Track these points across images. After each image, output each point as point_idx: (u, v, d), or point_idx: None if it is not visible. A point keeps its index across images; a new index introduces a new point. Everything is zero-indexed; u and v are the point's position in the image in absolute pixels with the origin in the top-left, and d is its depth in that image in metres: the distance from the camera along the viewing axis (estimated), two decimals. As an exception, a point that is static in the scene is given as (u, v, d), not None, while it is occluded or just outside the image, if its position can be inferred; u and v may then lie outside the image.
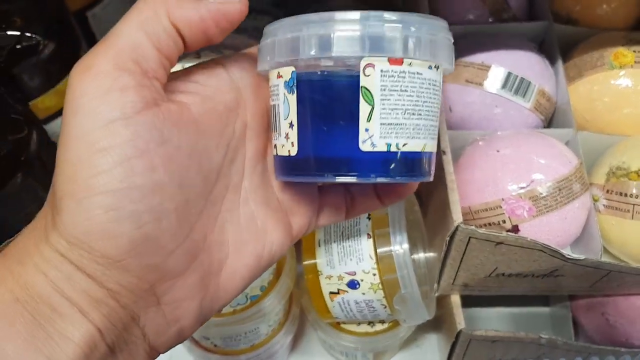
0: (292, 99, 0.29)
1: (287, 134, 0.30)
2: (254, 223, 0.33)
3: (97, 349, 0.26)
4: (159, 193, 0.27)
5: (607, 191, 0.53)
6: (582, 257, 0.47)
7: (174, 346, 0.31)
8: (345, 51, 0.28)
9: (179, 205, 0.28)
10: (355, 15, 0.28)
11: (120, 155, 0.26)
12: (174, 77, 0.30)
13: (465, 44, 0.59)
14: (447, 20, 0.61)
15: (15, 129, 0.50)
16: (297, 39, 0.29)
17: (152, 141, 0.27)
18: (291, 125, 0.30)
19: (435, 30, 0.29)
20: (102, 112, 0.26)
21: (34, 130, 0.50)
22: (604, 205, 0.53)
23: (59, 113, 0.55)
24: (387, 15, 0.28)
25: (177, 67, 0.55)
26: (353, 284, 0.52)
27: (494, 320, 0.67)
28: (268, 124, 0.34)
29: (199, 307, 0.31)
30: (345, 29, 0.28)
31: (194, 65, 0.31)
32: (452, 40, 0.31)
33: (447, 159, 0.50)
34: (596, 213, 0.53)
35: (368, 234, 0.52)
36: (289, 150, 0.30)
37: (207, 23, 0.28)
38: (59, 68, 0.55)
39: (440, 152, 0.51)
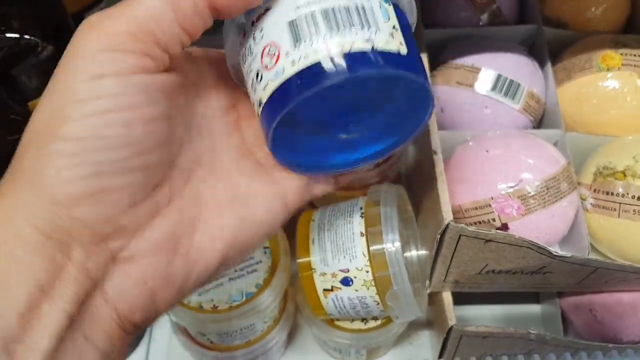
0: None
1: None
2: (234, 189, 0.33)
3: (45, 313, 0.25)
4: (129, 149, 0.27)
5: (595, 190, 0.54)
6: (568, 254, 0.48)
7: (152, 319, 0.30)
8: None
9: (149, 164, 0.28)
10: None
11: (98, 108, 0.26)
12: None
13: (456, 46, 0.60)
14: (439, 22, 0.63)
15: (14, 130, 0.51)
16: None
17: (138, 102, 0.27)
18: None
19: None
20: (92, 68, 0.25)
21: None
22: (591, 204, 0.54)
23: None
24: None
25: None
26: (346, 281, 0.53)
27: (485, 318, 0.68)
28: (235, 102, 0.34)
29: (166, 266, 0.29)
30: None
31: None
32: None
33: (438, 158, 0.52)
34: (584, 212, 0.54)
35: (361, 232, 0.53)
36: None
37: None
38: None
39: (431, 152, 0.52)
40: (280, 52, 0.29)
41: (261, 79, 0.30)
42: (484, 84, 0.57)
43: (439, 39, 0.62)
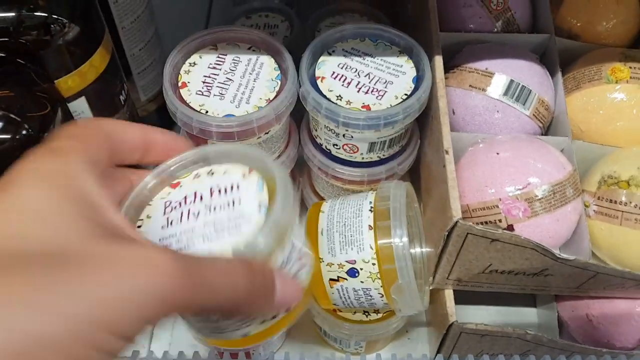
0: None
1: None
2: None
3: None
4: None
5: (598, 198, 0.55)
6: (571, 257, 0.50)
7: None
8: None
9: None
10: None
11: None
12: None
13: (471, 51, 0.62)
14: (455, 27, 0.65)
15: (40, 107, 0.53)
16: None
17: None
18: None
19: None
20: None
21: (58, 108, 0.52)
22: (594, 211, 0.56)
23: (80, 93, 0.57)
24: None
25: (196, 58, 0.57)
26: (353, 272, 0.55)
27: (482, 319, 0.70)
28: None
29: None
30: None
31: None
32: None
33: (450, 158, 0.53)
34: (586, 218, 0.56)
35: (369, 226, 0.54)
36: None
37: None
38: (83, 51, 0.57)
39: (443, 151, 0.54)
40: None
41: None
42: (497, 88, 0.59)
43: (453, 43, 0.64)
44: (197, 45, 0.58)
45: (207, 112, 0.54)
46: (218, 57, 0.58)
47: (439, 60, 0.58)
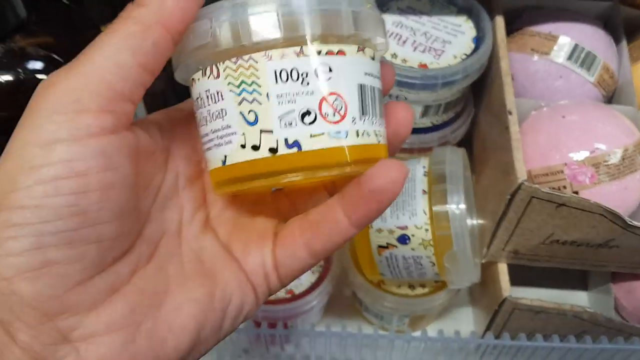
0: None
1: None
2: (199, 265, 0.30)
3: None
4: (78, 218, 0.24)
5: (668, 168, 0.52)
6: (644, 225, 0.47)
7: None
8: None
9: (105, 237, 0.25)
10: None
11: (48, 175, 0.23)
12: None
13: (532, 14, 0.59)
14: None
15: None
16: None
17: (96, 166, 0.24)
18: None
19: None
20: (48, 130, 0.23)
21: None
22: (662, 182, 0.53)
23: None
24: None
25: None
26: (403, 239, 0.52)
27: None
28: (201, 171, 0.31)
29: (128, 345, 0.26)
30: None
31: None
32: None
33: (513, 119, 0.50)
34: (654, 189, 0.53)
35: (423, 190, 0.51)
36: None
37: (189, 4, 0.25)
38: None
39: (505, 113, 0.51)
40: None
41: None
42: (561, 52, 0.56)
43: (515, 7, 0.61)
44: None
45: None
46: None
47: (500, 20, 0.55)
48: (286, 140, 0.25)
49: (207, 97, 0.26)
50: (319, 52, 0.25)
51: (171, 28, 0.25)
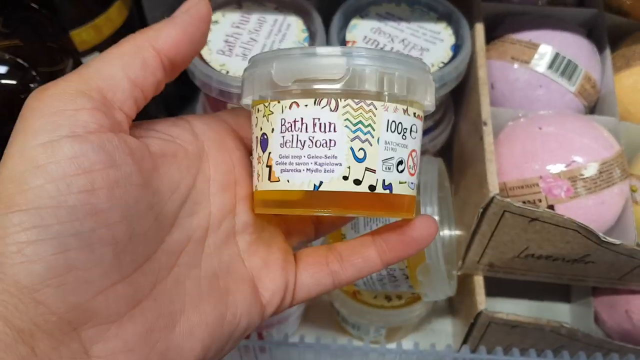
0: None
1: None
2: (215, 282, 0.30)
3: None
4: (94, 218, 0.24)
5: (647, 182, 0.51)
6: (617, 241, 0.46)
7: None
8: None
9: (119, 237, 0.25)
10: None
11: (57, 172, 0.23)
12: (135, 125, 0.28)
13: (513, 22, 0.58)
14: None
15: (51, 59, 0.49)
16: None
17: (99, 162, 0.24)
18: None
19: None
20: (47, 129, 0.24)
21: (70, 61, 0.49)
22: (642, 196, 0.51)
23: (94, 48, 0.54)
24: None
25: (218, 16, 0.54)
26: (377, 251, 0.51)
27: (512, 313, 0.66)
28: (234, 180, 0.31)
29: None
30: None
31: (158, 120, 0.30)
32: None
33: (488, 129, 0.49)
34: (633, 203, 0.52)
35: (397, 201, 0.51)
36: None
37: (190, 31, 0.28)
38: (97, 2, 0.54)
39: (480, 124, 0.50)
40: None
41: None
42: (541, 61, 0.55)
43: (495, 13, 0.60)
44: (220, 2, 0.55)
45: (228, 72, 0.50)
46: (242, 16, 0.54)
47: (480, 27, 0.54)
48: (384, 181, 0.28)
49: (314, 124, 0.28)
50: (414, 114, 0.29)
51: (162, 52, 0.27)
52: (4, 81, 0.46)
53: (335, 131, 0.28)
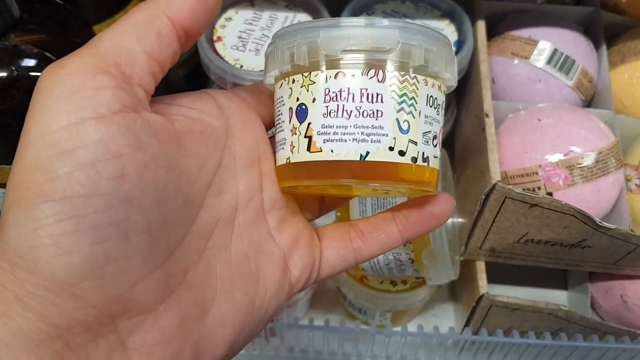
0: None
1: None
2: (246, 264, 0.29)
3: None
4: (128, 205, 0.23)
5: (641, 171, 0.54)
6: (612, 226, 0.48)
7: None
8: None
9: (153, 224, 0.24)
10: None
11: (86, 157, 0.22)
12: (156, 100, 0.27)
13: (513, 19, 0.60)
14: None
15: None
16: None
17: (126, 145, 0.23)
18: None
19: None
20: (68, 111, 0.22)
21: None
22: (636, 184, 0.54)
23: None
24: None
25: (232, 14, 0.56)
26: (384, 237, 0.53)
27: (510, 300, 0.68)
28: (258, 156, 0.30)
29: (173, 356, 0.25)
30: None
31: (180, 93, 0.29)
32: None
33: (490, 121, 0.52)
34: (628, 192, 0.54)
35: (403, 189, 0.53)
36: None
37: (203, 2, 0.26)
38: (117, -1, 0.57)
39: (482, 115, 0.52)
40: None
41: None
42: (540, 56, 0.57)
43: (495, 12, 0.62)
44: (233, 0, 0.57)
45: (242, 66, 0.53)
46: (254, 13, 0.57)
47: (481, 24, 0.57)
48: (423, 154, 0.29)
49: (362, 94, 0.28)
50: (444, 90, 0.30)
51: (177, 22, 0.25)
52: (32, 73, 0.49)
53: (382, 102, 0.28)
